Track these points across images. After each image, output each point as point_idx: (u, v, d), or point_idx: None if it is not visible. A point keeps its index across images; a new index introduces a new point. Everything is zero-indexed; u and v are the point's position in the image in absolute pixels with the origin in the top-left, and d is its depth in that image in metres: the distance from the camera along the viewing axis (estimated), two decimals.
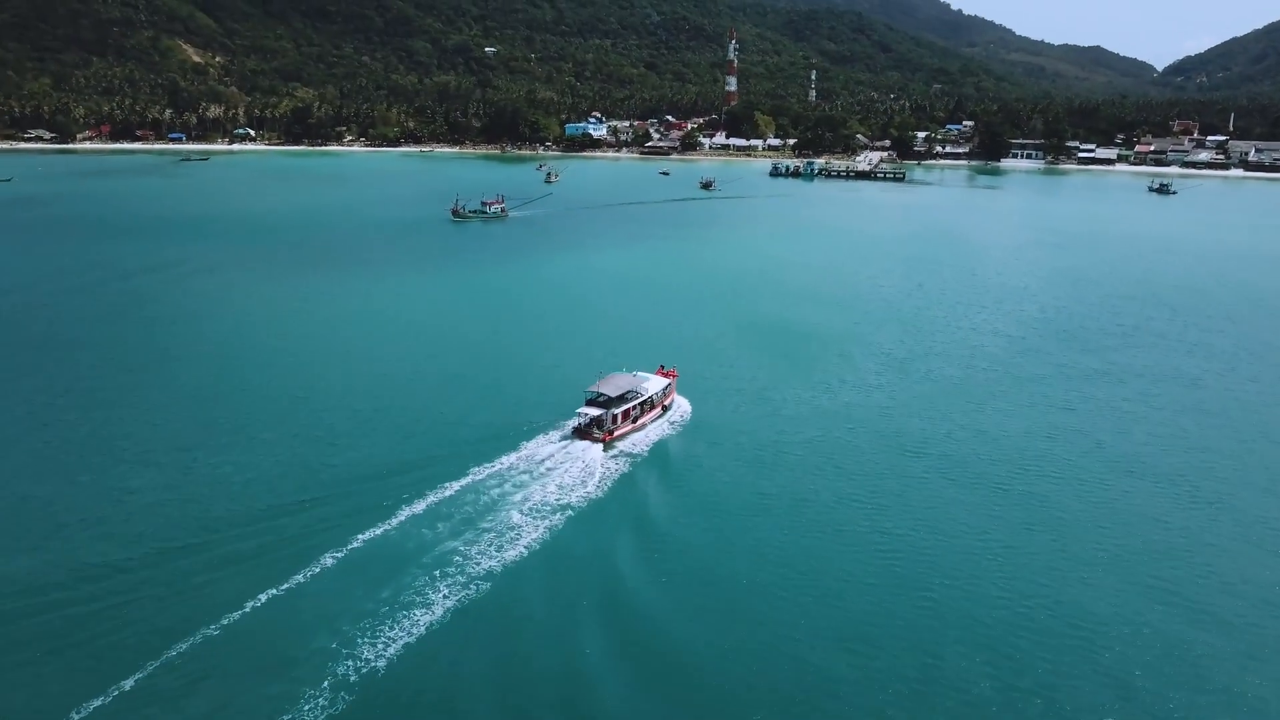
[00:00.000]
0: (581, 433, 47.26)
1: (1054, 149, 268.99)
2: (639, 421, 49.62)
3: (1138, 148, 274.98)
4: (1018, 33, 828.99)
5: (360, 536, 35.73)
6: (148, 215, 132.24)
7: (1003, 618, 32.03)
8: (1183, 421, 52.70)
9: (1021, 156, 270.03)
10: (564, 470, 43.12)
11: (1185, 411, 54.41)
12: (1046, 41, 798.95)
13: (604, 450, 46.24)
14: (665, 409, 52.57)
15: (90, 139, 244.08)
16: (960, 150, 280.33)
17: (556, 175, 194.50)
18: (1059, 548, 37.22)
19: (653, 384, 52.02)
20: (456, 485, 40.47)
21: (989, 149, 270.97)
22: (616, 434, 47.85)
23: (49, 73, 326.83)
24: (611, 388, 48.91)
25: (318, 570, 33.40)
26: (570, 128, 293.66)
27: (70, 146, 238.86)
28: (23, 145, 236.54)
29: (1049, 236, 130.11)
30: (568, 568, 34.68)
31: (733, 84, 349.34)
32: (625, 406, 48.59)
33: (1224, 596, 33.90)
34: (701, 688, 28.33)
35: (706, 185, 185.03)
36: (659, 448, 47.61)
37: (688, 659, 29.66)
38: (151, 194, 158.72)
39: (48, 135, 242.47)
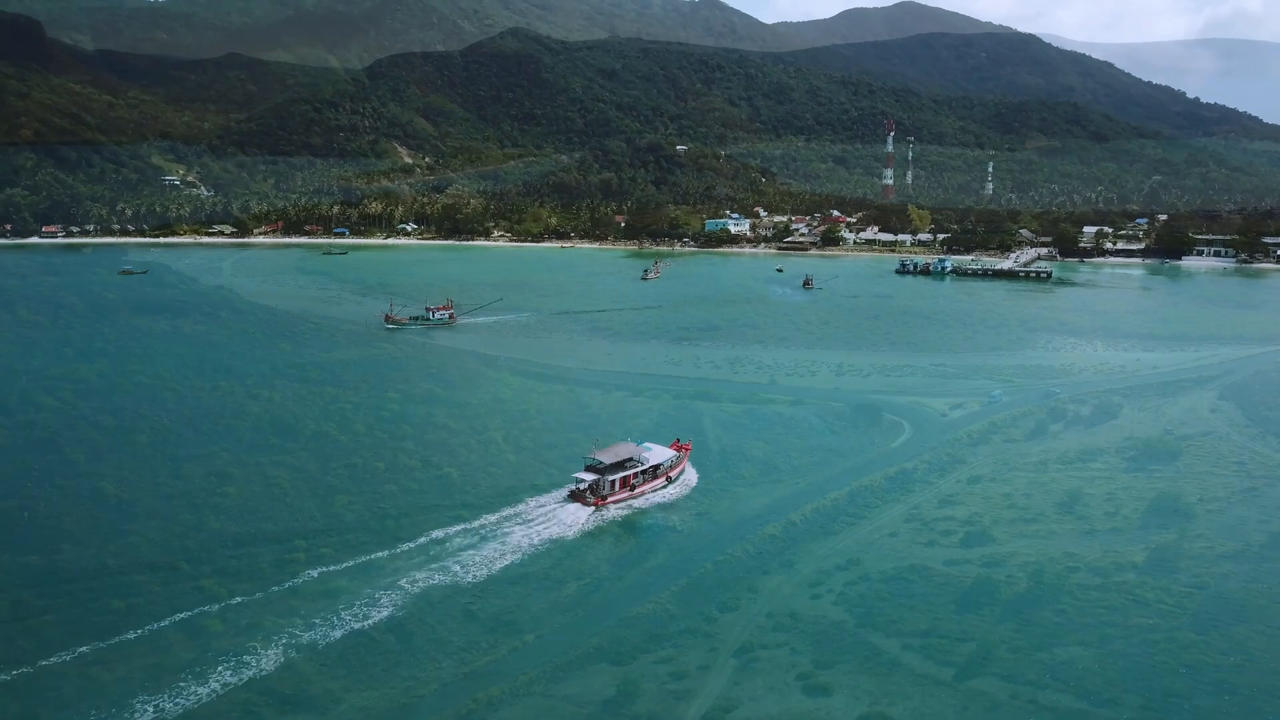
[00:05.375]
0: (575, 496, 52.60)
1: (1247, 246, 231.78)
2: (637, 489, 54.09)
3: None
4: (1266, 120, 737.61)
5: (368, 553, 47.92)
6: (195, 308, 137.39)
7: None
8: None
9: (1208, 254, 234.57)
10: (542, 526, 49.93)
11: None
12: None
13: (593, 512, 51.36)
14: (670, 479, 56.48)
15: (265, 233, 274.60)
16: (1134, 247, 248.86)
17: (656, 272, 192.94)
18: None
19: (655, 454, 55.96)
20: (455, 528, 50.42)
21: (1168, 246, 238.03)
22: (610, 499, 52.55)
23: (276, 174, 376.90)
24: (610, 456, 53.53)
25: (301, 581, 45.74)
26: (710, 223, 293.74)
27: (246, 240, 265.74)
28: (205, 239, 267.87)
29: (1162, 359, 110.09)
30: (494, 594, 44.33)
31: (888, 177, 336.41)
32: (623, 474, 53.28)
33: None
34: None
35: (806, 284, 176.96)
36: (644, 514, 53.11)
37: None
38: (224, 292, 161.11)
39: (228, 230, 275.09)
